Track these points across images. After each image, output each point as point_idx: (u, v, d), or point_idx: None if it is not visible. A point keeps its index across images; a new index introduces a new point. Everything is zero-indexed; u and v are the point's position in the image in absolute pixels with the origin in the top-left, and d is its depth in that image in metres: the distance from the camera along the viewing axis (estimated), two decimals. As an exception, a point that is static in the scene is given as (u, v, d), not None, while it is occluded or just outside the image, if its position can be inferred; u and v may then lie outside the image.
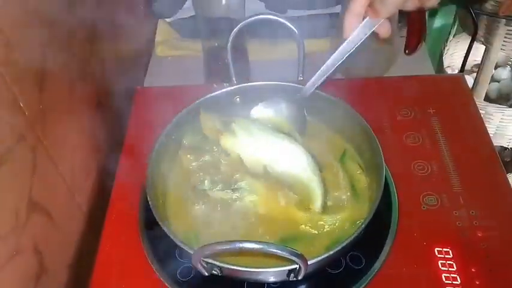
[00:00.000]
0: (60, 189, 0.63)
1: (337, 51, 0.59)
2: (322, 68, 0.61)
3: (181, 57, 1.01)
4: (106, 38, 0.81)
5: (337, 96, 0.69)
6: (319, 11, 1.01)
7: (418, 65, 0.97)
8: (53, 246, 0.60)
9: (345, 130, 0.69)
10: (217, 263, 0.51)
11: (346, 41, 0.58)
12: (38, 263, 0.57)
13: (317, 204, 0.61)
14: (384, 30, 0.57)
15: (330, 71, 0.61)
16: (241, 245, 0.46)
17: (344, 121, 0.68)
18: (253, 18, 0.67)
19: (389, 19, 0.56)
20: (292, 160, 0.63)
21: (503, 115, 1.15)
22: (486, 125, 0.75)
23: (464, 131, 0.74)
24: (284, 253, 0.46)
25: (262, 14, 0.69)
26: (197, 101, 0.69)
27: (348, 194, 0.63)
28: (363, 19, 0.56)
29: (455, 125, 0.75)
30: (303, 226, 0.60)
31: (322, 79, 0.63)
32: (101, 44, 0.78)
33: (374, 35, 0.57)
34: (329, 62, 0.60)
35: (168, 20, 1.06)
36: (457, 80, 0.83)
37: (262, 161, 0.64)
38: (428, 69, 0.97)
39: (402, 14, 0.86)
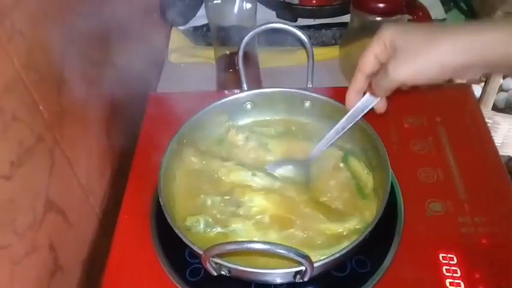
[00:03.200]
0: (75, 190, 0.65)
1: (341, 122, 0.65)
2: (327, 136, 0.67)
3: (194, 64, 1.03)
4: (121, 44, 0.83)
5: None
6: (328, 20, 1.03)
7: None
8: (67, 245, 0.62)
9: (351, 136, 0.70)
10: (226, 264, 0.52)
11: (348, 113, 0.64)
12: (52, 261, 0.58)
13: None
14: (380, 106, 0.62)
15: (335, 139, 0.66)
16: (249, 245, 0.47)
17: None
18: (264, 26, 0.69)
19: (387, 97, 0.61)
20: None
21: (510, 125, 1.15)
22: (493, 134, 0.76)
23: (471, 139, 0.75)
24: (291, 254, 0.47)
25: (273, 22, 0.71)
26: (209, 106, 0.71)
27: (355, 198, 0.65)
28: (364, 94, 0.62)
29: (461, 134, 0.76)
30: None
31: (326, 146, 0.67)
32: (116, 50, 0.80)
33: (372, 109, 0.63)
34: (333, 130, 0.66)
35: (181, 28, 1.08)
36: (464, 89, 0.84)
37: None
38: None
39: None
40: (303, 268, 0.51)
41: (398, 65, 0.53)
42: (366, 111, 0.63)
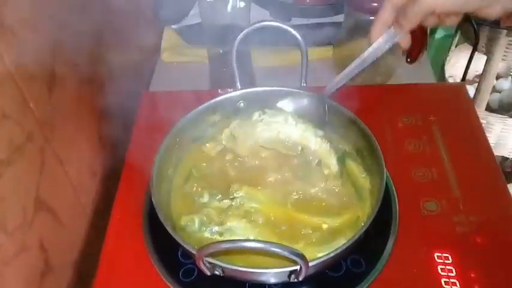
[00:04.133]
0: (66, 189, 0.64)
1: (363, 55, 0.62)
2: (345, 71, 0.64)
3: (187, 63, 1.03)
4: (113, 42, 0.83)
5: (340, 102, 0.70)
6: (322, 20, 1.02)
7: (420, 74, 0.98)
8: (58, 245, 0.61)
9: (346, 135, 0.70)
10: (220, 263, 0.52)
11: (371, 47, 0.62)
12: (43, 261, 0.58)
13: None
14: (405, 42, 0.61)
15: (353, 74, 0.64)
16: (243, 244, 0.47)
17: (345, 126, 0.69)
18: (257, 24, 0.69)
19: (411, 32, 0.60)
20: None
21: (504, 125, 1.16)
22: (487, 135, 0.76)
23: (465, 138, 0.75)
24: (285, 253, 0.46)
25: (267, 20, 0.71)
26: (202, 105, 0.70)
27: (351, 195, 0.65)
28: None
29: (455, 133, 0.76)
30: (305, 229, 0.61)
31: (345, 81, 0.65)
32: (108, 49, 0.80)
33: (396, 44, 0.61)
34: (353, 65, 0.63)
35: (174, 26, 1.07)
36: (458, 88, 0.84)
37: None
38: (429, 79, 0.98)
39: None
40: (297, 267, 0.50)
41: None
42: (390, 45, 0.61)
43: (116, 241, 0.65)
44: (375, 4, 0.83)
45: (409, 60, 0.99)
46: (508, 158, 1.27)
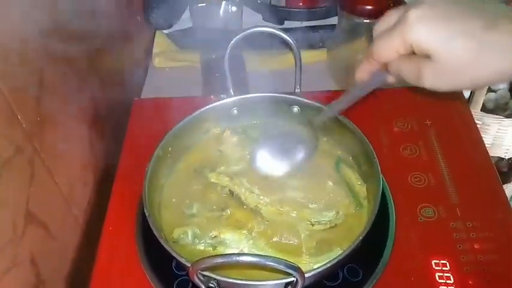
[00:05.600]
0: (57, 200, 0.63)
1: (349, 92, 0.57)
2: (333, 104, 0.60)
3: (179, 68, 1.02)
4: (104, 49, 0.81)
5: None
6: (315, 23, 1.01)
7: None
8: (49, 258, 0.60)
9: (342, 141, 0.69)
10: (215, 276, 0.51)
11: (358, 86, 0.56)
12: (34, 275, 0.56)
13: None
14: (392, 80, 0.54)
15: (343, 107, 0.59)
16: (237, 258, 0.46)
17: (341, 133, 0.68)
18: (250, 30, 0.68)
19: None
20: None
21: (500, 125, 1.15)
22: (483, 135, 0.76)
23: (461, 142, 0.74)
24: (281, 266, 0.46)
25: (259, 26, 0.70)
26: (194, 113, 0.69)
27: (347, 203, 0.64)
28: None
29: (452, 137, 0.75)
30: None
31: (333, 113, 0.62)
32: (98, 56, 0.78)
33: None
34: (342, 98, 0.58)
35: (165, 31, 1.06)
36: (454, 91, 0.83)
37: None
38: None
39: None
40: (293, 279, 0.49)
41: (437, 78, 0.45)
42: (378, 85, 0.54)
43: (108, 253, 0.64)
44: (368, 7, 0.82)
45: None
46: (504, 159, 1.26)
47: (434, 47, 0.44)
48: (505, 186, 1.28)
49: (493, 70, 0.44)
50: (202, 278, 0.51)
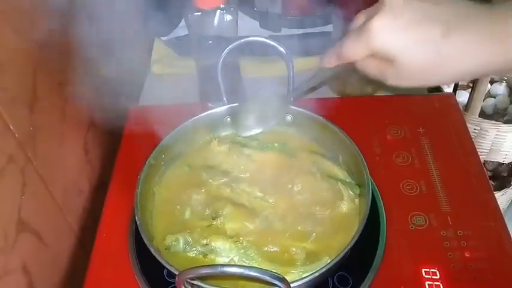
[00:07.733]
0: (50, 209, 0.64)
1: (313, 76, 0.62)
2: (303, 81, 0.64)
3: (177, 75, 1.02)
4: (102, 56, 0.82)
5: (327, 115, 0.69)
6: (312, 30, 1.02)
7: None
8: (42, 266, 0.61)
9: (333, 149, 0.69)
10: (202, 285, 0.51)
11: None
12: (27, 284, 0.57)
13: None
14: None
15: (311, 85, 0.63)
16: (223, 269, 0.46)
17: (333, 141, 0.69)
18: (242, 40, 0.68)
19: None
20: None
21: (498, 131, 1.15)
22: (481, 141, 0.76)
23: (454, 150, 0.74)
24: (266, 277, 0.46)
25: (252, 36, 0.70)
26: (187, 121, 0.70)
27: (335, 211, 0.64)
28: None
29: (444, 145, 0.75)
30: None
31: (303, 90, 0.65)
32: (95, 64, 0.79)
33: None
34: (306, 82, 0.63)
35: (163, 38, 1.07)
36: (448, 98, 0.83)
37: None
38: (420, 89, 0.97)
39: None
40: (280, 290, 0.49)
41: (400, 78, 0.49)
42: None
43: (101, 260, 0.64)
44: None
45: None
46: (503, 163, 1.26)
47: (396, 54, 0.47)
48: (504, 191, 1.28)
49: (453, 72, 0.47)
50: (189, 287, 0.51)
